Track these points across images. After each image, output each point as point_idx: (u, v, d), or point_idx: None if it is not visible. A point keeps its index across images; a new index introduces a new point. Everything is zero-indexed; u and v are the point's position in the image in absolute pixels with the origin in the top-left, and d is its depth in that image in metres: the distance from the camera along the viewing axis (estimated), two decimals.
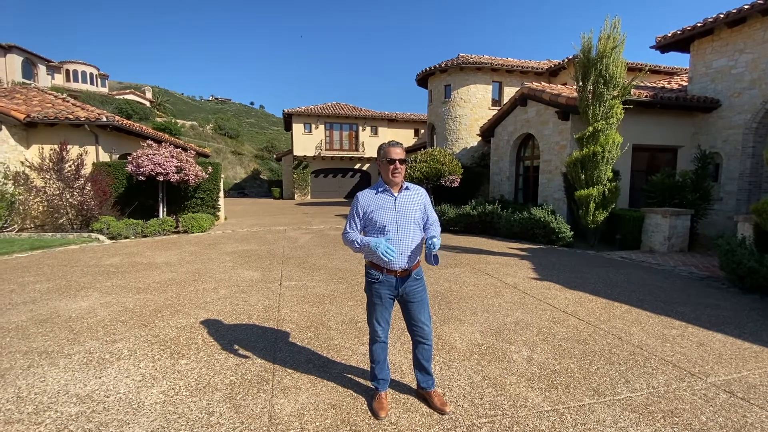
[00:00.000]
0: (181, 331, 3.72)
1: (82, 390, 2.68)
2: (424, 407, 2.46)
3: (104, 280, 5.58)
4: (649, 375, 2.90)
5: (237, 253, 7.63)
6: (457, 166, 12.83)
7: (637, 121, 9.87)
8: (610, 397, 2.59)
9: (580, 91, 8.49)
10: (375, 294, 2.36)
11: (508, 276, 5.81)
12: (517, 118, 12.44)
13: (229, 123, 55.25)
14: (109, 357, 3.18)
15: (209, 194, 12.38)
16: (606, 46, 7.99)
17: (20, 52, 42.92)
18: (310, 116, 27.25)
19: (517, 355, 3.20)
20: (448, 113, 16.36)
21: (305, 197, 28.40)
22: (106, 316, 4.14)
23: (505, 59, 16.86)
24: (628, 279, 5.77)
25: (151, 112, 44.35)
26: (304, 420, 2.34)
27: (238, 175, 43.84)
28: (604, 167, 8.07)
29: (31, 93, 13.48)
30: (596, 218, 8.20)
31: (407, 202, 2.36)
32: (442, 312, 4.22)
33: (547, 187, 10.94)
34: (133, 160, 10.19)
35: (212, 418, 2.37)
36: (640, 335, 3.64)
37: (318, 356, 3.18)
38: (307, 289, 5.13)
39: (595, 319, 4.04)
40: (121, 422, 2.32)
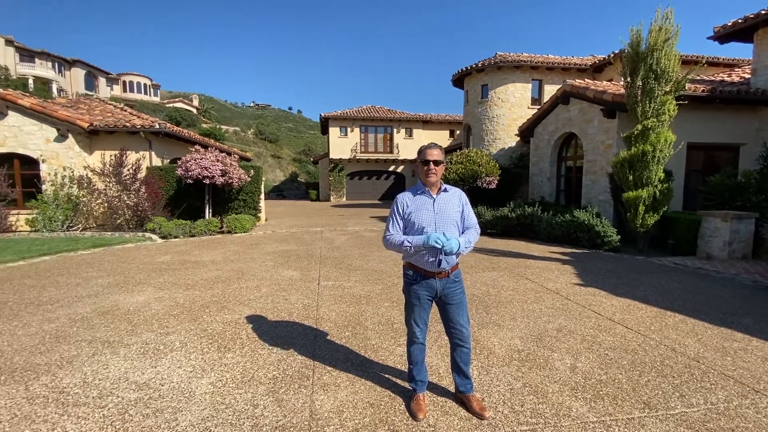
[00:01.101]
0: (227, 326, 3.92)
1: (140, 378, 2.89)
2: (462, 411, 2.44)
3: (157, 277, 5.96)
4: (706, 390, 2.70)
5: (277, 253, 7.89)
6: (494, 167, 12.56)
7: (692, 117, 9.22)
8: (663, 412, 2.44)
9: (627, 87, 8.05)
10: (413, 295, 2.38)
11: (550, 281, 5.61)
12: (559, 117, 12.00)
13: (269, 128, 57.30)
14: (163, 348, 3.41)
15: (251, 196, 12.90)
16: (657, 38, 7.53)
17: (83, 65, 46.91)
18: (346, 120, 27.70)
19: (560, 362, 3.09)
20: (484, 113, 16.06)
21: (341, 199, 28.87)
22: (159, 310, 4.43)
23: (545, 56, 16.33)
24: (682, 287, 5.39)
25: (197, 119, 46.92)
26: (344, 417, 2.39)
27: (277, 177, 45.33)
28: (655, 167, 7.60)
29: (93, 103, 14.69)
30: (646, 221, 7.73)
31: (446, 204, 2.36)
32: (480, 316, 4.15)
33: (592, 189, 10.46)
34: (182, 164, 10.82)
35: (257, 410, 2.47)
36: (697, 347, 3.40)
37: (356, 355, 3.24)
38: (344, 290, 5.22)
39: (645, 329, 3.81)
40: (175, 409, 2.48)
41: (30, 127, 11.39)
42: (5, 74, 35.36)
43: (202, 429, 2.29)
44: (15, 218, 10.94)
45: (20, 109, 11.21)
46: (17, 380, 2.87)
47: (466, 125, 17.62)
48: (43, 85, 39.37)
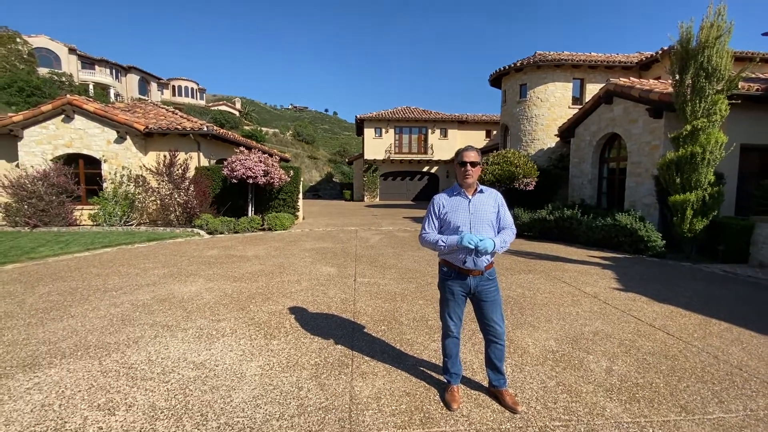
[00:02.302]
0: (272, 315, 4.20)
1: (197, 358, 3.20)
2: (495, 405, 2.53)
3: (206, 269, 6.42)
4: (747, 397, 2.64)
5: (315, 250, 8.22)
6: (532, 168, 12.32)
7: (746, 117, 8.66)
8: (700, 416, 2.42)
9: (676, 86, 7.70)
10: (448, 290, 2.50)
11: (588, 285, 5.52)
12: (601, 117, 11.60)
13: (306, 129, 58.79)
14: (216, 333, 3.73)
15: (290, 196, 13.42)
16: (709, 35, 7.17)
17: (137, 72, 50.23)
18: (381, 121, 28.00)
19: (596, 365, 3.10)
20: (523, 113, 15.77)
21: (374, 199, 29.21)
22: (210, 299, 4.80)
23: (587, 54, 15.79)
24: (730, 295, 5.14)
25: (239, 121, 49.03)
26: (381, 403, 2.56)
27: (313, 178, 46.47)
28: (705, 170, 7.23)
29: (148, 107, 15.82)
30: (694, 226, 7.37)
31: (481, 205, 2.47)
32: (515, 317, 4.19)
33: (636, 191, 10.05)
34: (228, 165, 11.46)
35: (301, 392, 2.69)
36: (741, 355, 3.28)
37: (391, 348, 3.40)
38: (379, 286, 5.41)
39: (687, 336, 3.71)
40: (229, 387, 2.75)
41: (93, 130, 12.48)
42: (69, 80, 38.58)
43: (253, 406, 2.53)
44: (79, 213, 12.01)
45: (85, 113, 12.31)
46: (92, 356, 3.26)
47: (504, 125, 17.36)
48: (102, 91, 42.61)
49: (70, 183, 11.61)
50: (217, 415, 2.43)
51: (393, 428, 2.30)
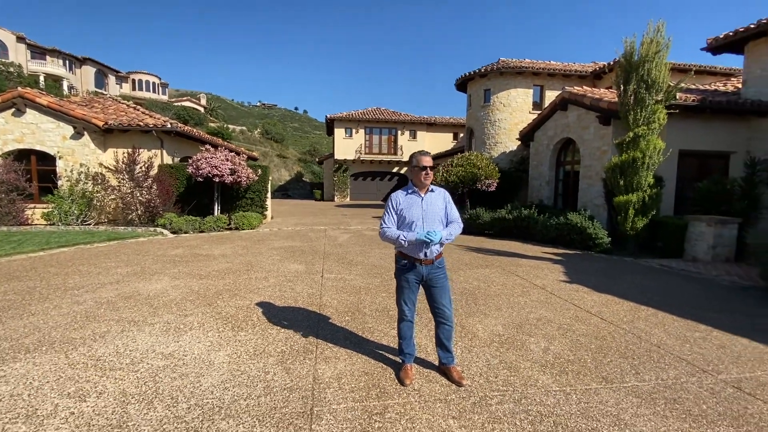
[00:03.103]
0: (239, 310, 4.34)
1: (165, 350, 3.31)
2: (444, 380, 2.84)
3: (172, 267, 6.40)
4: (660, 369, 3.09)
5: (283, 249, 8.32)
6: (494, 170, 12.92)
7: (684, 125, 9.55)
8: (617, 384, 2.83)
9: (621, 96, 8.42)
10: (403, 279, 2.79)
11: (538, 278, 6.00)
12: (558, 123, 12.36)
13: (275, 128, 57.94)
14: (183, 327, 3.83)
15: (258, 195, 13.37)
16: (649, 50, 7.91)
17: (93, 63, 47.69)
18: (351, 121, 28.17)
19: (535, 345, 3.48)
20: (487, 117, 16.43)
21: (345, 199, 29.33)
22: (177, 296, 4.86)
23: (546, 62, 16.68)
24: (662, 286, 5.76)
25: (204, 118, 47.60)
26: (342, 382, 2.80)
27: (283, 177, 45.88)
28: (645, 173, 7.96)
29: (107, 102, 15.22)
30: (635, 225, 8.09)
31: (432, 202, 2.77)
32: (469, 307, 4.55)
33: (587, 193, 10.80)
34: (193, 163, 11.29)
35: (268, 375, 2.89)
36: (661, 336, 3.78)
37: (354, 335, 3.65)
38: (345, 281, 5.63)
39: (618, 320, 4.20)
40: (198, 374, 2.90)
41: (47, 125, 11.92)
42: (18, 71, 36.15)
43: (221, 389, 2.70)
44: (31, 212, 11.44)
45: (38, 107, 11.74)
46: (57, 350, 3.29)
47: (469, 128, 18.00)
48: (54, 83, 40.14)
49: (21, 180, 11.04)
50: (187, 397, 2.58)
51: (351, 402, 2.55)
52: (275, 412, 2.45)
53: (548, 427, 2.31)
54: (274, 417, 2.39)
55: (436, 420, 2.37)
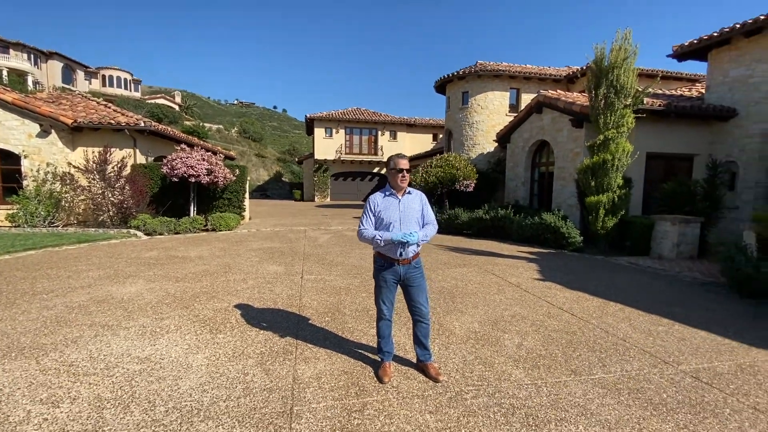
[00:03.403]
0: (217, 312, 4.30)
1: (141, 353, 3.26)
2: (422, 376, 2.92)
3: (146, 270, 6.26)
4: (625, 361, 3.26)
5: (262, 250, 8.25)
6: (471, 171, 13.16)
7: (652, 129, 10.00)
8: (585, 377, 2.98)
9: (592, 100, 8.75)
10: (381, 279, 2.85)
11: (513, 276, 6.18)
12: (533, 125, 12.70)
13: (253, 126, 56.99)
14: (160, 330, 3.77)
15: (236, 195, 13.16)
16: (617, 57, 8.25)
17: (60, 58, 45.73)
18: (331, 121, 28.06)
19: (509, 341, 3.61)
20: (465, 119, 16.70)
21: (325, 199, 29.19)
22: (152, 299, 4.76)
23: (523, 66, 17.10)
24: (630, 282, 6.04)
25: (179, 116, 46.37)
26: (322, 381, 2.83)
27: (261, 177, 45.20)
28: (614, 175, 8.30)
29: (76, 99, 14.65)
30: (606, 224, 8.42)
31: (409, 204, 2.84)
32: (446, 305, 4.65)
33: (561, 193, 11.16)
34: (168, 163, 11.03)
35: (247, 377, 2.89)
36: (627, 330, 3.98)
37: (334, 335, 3.68)
38: (325, 282, 5.65)
39: (587, 315, 4.39)
40: (176, 377, 2.88)
41: (11, 122, 11.38)
42: None
43: (200, 391, 2.69)
44: None
45: (2, 103, 11.20)
46: (27, 356, 3.19)
47: (448, 130, 18.24)
48: (18, 77, 38.26)
49: None
50: (164, 401, 2.56)
51: (331, 401, 2.59)
52: (255, 412, 2.46)
53: (520, 418, 2.42)
54: (253, 417, 2.41)
55: (414, 415, 2.44)
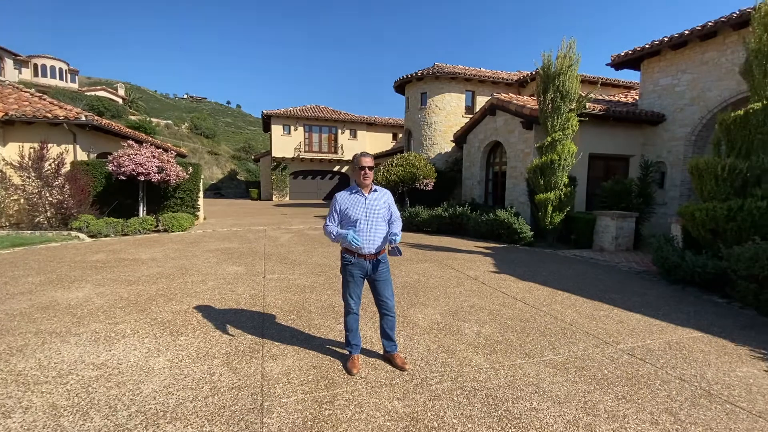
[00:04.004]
0: (177, 315, 4.17)
1: (96, 360, 3.11)
2: (389, 366, 3.04)
3: (94, 274, 5.88)
4: (572, 343, 3.58)
5: (220, 251, 8.00)
6: (431, 170, 13.52)
7: (593, 132, 10.81)
8: (537, 358, 3.24)
9: (540, 104, 9.32)
10: (348, 273, 2.93)
11: (471, 270, 6.48)
12: (487, 127, 13.27)
13: (206, 122, 54.50)
14: (115, 335, 3.60)
15: (189, 194, 12.59)
16: (563, 64, 8.85)
17: None
18: (289, 118, 27.51)
19: (469, 330, 3.83)
20: (424, 119, 17.09)
21: (284, 198, 28.59)
22: (103, 303, 4.51)
23: (477, 69, 17.77)
24: (575, 273, 6.55)
25: (123, 110, 43.32)
26: (291, 377, 2.87)
27: (215, 175, 43.38)
28: (561, 174, 8.91)
29: (6, 90, 13.29)
30: (553, 220, 9.03)
31: (375, 201, 2.95)
32: (410, 298, 4.82)
33: (513, 191, 11.77)
34: (114, 160, 10.36)
35: (214, 377, 2.86)
36: (573, 315, 4.35)
37: (301, 333, 3.71)
38: (289, 281, 5.63)
39: (538, 304, 4.73)
40: (137, 381, 2.79)
41: None
42: None
43: (165, 393, 2.64)
44: None
45: None
46: None
47: (407, 130, 18.56)
48: None
49: None
50: (126, 405, 2.49)
51: (301, 394, 2.64)
52: (224, 410, 2.46)
53: (480, 398, 2.61)
54: (223, 415, 2.41)
55: (383, 402, 2.56)
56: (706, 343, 3.67)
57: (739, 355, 3.40)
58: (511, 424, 2.36)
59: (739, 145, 5.70)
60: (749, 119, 5.56)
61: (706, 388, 2.83)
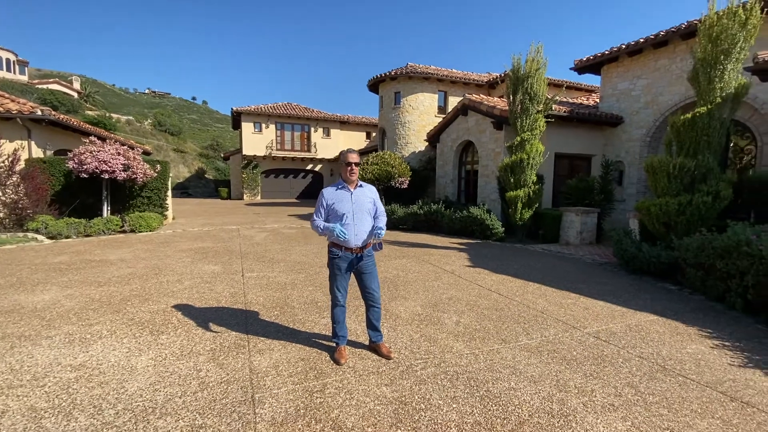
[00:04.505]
0: (155, 314, 4.09)
1: (73, 361, 3.03)
2: (375, 356, 3.15)
3: (59, 276, 5.63)
4: (543, 329, 3.83)
5: (193, 250, 7.82)
6: (406, 168, 13.73)
7: (559, 132, 11.35)
8: (513, 344, 3.46)
9: (510, 105, 9.71)
10: (336, 267, 3.02)
11: (447, 264, 6.70)
12: (460, 126, 13.62)
13: (170, 119, 52.42)
14: (91, 337, 3.51)
15: (157, 193, 12.15)
16: (531, 67, 9.26)
17: None
18: (261, 115, 26.96)
19: (449, 320, 4.01)
20: (398, 119, 17.28)
21: (255, 198, 28.02)
22: (73, 306, 4.35)
23: (449, 70, 18.15)
24: (543, 265, 6.90)
25: (79, 105, 40.97)
26: (280, 369, 2.92)
27: (181, 174, 41.82)
28: (530, 172, 9.33)
29: None
30: (523, 216, 9.43)
31: (361, 197, 3.05)
32: (391, 293, 4.95)
33: (485, 189, 12.16)
34: (74, 157, 9.85)
35: (201, 372, 2.87)
36: (544, 304, 4.63)
37: (285, 328, 3.76)
38: (269, 279, 5.61)
39: (512, 294, 4.99)
40: (120, 380, 2.75)
41: None
42: None
43: (152, 391, 2.63)
44: None
45: None
46: None
47: (381, 129, 18.70)
48: None
49: None
50: (112, 404, 2.46)
51: (291, 385, 2.70)
52: (215, 404, 2.49)
53: (463, 381, 2.78)
54: (215, 408, 2.44)
55: (371, 389, 2.66)
56: (661, 325, 4.03)
57: (689, 335, 3.77)
58: (492, 402, 2.53)
59: (688, 145, 6.22)
60: (696, 122, 6.08)
61: (661, 364, 3.13)
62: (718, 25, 5.91)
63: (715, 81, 6.01)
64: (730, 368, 3.10)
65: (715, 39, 5.94)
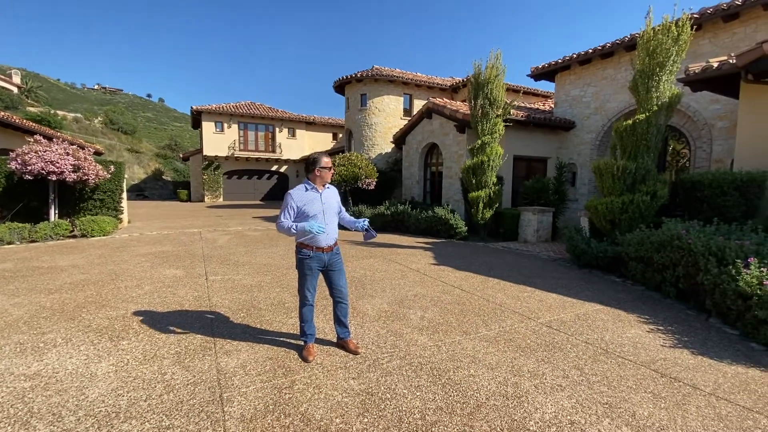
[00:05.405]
0: (114, 320, 3.96)
1: (27, 371, 2.91)
2: (342, 352, 3.25)
3: (4, 285, 5.28)
4: (501, 320, 4.08)
5: (152, 255, 7.55)
6: (373, 170, 13.86)
7: (518, 136, 11.92)
8: (473, 335, 3.67)
9: (472, 109, 10.09)
10: (306, 267, 3.09)
11: (413, 263, 6.90)
12: (424, 129, 13.94)
13: (123, 117, 49.70)
14: (44, 345, 3.36)
15: (110, 195, 11.55)
16: (491, 74, 9.68)
17: None
18: (222, 114, 26.20)
19: (414, 315, 4.17)
20: (364, 120, 17.40)
21: (217, 199, 27.16)
22: (22, 314, 4.12)
23: (414, 74, 18.51)
24: (503, 262, 7.26)
25: (20, 100, 38.02)
26: (248, 369, 2.96)
27: (137, 175, 39.76)
28: (490, 173, 9.75)
29: None
30: (485, 216, 9.84)
31: (330, 197, 3.15)
32: (358, 291, 5.06)
33: (449, 190, 12.54)
34: (18, 157, 9.20)
35: (166, 376, 2.85)
36: (502, 298, 4.91)
37: (253, 329, 3.77)
38: (234, 282, 5.55)
39: (473, 290, 5.24)
40: (80, 387, 2.69)
41: None
42: None
43: (114, 396, 2.58)
44: None
45: None
46: None
47: (348, 130, 18.75)
48: None
49: None
50: (72, 411, 2.41)
51: (260, 383, 2.75)
52: (182, 405, 2.49)
53: (426, 371, 2.94)
54: (182, 409, 2.44)
55: (339, 383, 2.76)
56: (606, 313, 4.40)
57: (630, 321, 4.15)
58: (453, 389, 2.70)
59: (629, 149, 6.78)
60: (636, 128, 6.64)
61: (604, 348, 3.44)
62: (654, 40, 6.50)
63: (652, 90, 6.59)
64: (662, 349, 3.46)
65: (651, 52, 6.52)
